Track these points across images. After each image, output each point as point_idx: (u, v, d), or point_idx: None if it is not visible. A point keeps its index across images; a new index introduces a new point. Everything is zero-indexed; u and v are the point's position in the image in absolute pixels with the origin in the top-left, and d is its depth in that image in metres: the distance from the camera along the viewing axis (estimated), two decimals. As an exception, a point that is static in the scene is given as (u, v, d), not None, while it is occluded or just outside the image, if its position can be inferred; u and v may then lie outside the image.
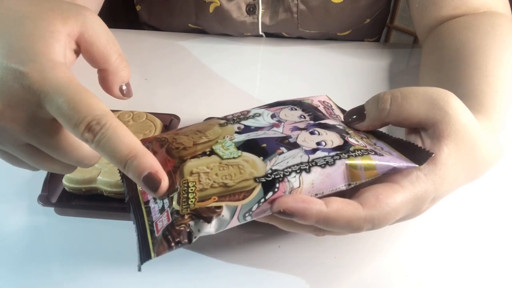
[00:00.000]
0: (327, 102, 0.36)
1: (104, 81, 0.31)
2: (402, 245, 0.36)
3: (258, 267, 0.34)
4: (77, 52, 0.30)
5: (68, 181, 0.36)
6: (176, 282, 0.32)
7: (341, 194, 0.28)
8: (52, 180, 0.37)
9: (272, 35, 0.66)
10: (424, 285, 0.33)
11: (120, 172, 0.31)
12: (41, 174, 0.37)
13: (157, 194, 0.26)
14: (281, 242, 0.35)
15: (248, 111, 0.34)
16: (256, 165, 0.28)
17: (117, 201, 0.37)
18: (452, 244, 0.36)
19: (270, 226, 0.36)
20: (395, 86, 0.56)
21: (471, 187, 0.32)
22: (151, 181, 0.26)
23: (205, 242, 0.35)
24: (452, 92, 0.31)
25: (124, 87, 0.31)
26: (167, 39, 0.65)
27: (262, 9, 0.61)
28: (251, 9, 0.61)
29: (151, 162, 0.26)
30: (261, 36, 0.65)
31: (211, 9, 0.61)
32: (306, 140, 0.30)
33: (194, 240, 0.26)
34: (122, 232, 0.35)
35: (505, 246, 0.36)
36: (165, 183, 0.26)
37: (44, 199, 0.36)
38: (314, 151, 0.29)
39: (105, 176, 0.36)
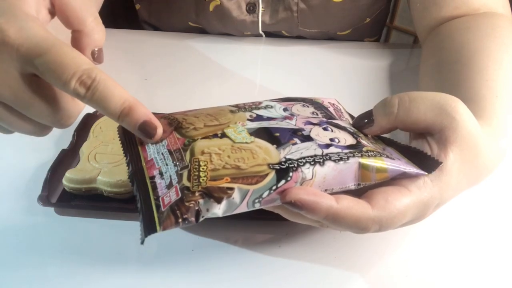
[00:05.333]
0: (337, 105, 0.36)
1: (77, 43, 0.30)
2: (402, 245, 0.36)
3: (258, 267, 0.34)
4: (52, 12, 0.30)
5: (68, 181, 0.36)
6: (175, 282, 0.32)
7: (346, 194, 0.28)
8: (52, 180, 0.37)
9: (272, 34, 0.66)
10: (423, 285, 0.33)
11: (122, 144, 0.31)
12: (41, 174, 0.37)
13: (153, 140, 0.27)
14: (281, 242, 0.35)
15: (260, 102, 0.34)
16: (269, 152, 0.28)
17: (117, 201, 0.37)
18: (451, 245, 0.36)
19: (270, 226, 0.36)
20: (395, 86, 0.56)
21: (469, 190, 0.32)
22: (147, 128, 0.27)
23: (205, 241, 0.35)
24: (453, 95, 0.31)
25: (96, 51, 0.31)
26: (167, 39, 0.65)
27: (262, 7, 0.61)
28: (251, 8, 0.61)
29: (145, 111, 0.27)
30: (261, 35, 0.65)
31: (211, 8, 0.61)
32: (320, 135, 0.30)
33: (201, 219, 0.25)
34: (122, 232, 0.35)
35: (502, 248, 0.36)
36: (160, 129, 0.27)
37: (44, 199, 0.35)
38: (327, 146, 0.29)
39: (105, 176, 0.36)
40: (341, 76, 0.58)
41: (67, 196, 0.37)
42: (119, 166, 0.37)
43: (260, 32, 0.64)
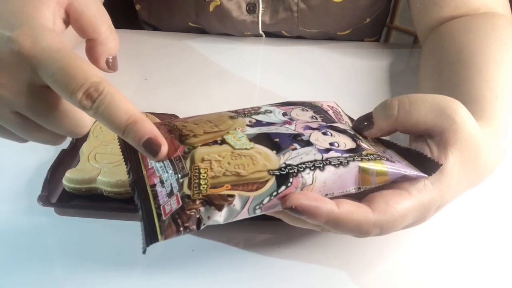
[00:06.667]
0: (336, 108, 0.36)
1: (92, 51, 0.30)
2: (402, 245, 0.36)
3: (258, 267, 0.34)
4: (66, 22, 0.30)
5: (68, 181, 0.36)
6: (175, 282, 0.32)
7: (347, 198, 0.28)
8: (52, 180, 0.37)
9: (272, 34, 0.66)
10: (423, 285, 0.33)
11: (123, 153, 0.31)
12: (41, 174, 0.37)
13: (157, 159, 0.27)
14: (282, 242, 0.35)
15: (259, 107, 0.34)
16: (269, 158, 0.28)
17: (117, 201, 0.37)
18: (451, 246, 0.36)
19: (270, 226, 0.36)
20: (395, 86, 0.56)
21: (470, 191, 0.32)
22: (151, 146, 0.26)
23: (205, 241, 0.35)
24: (453, 96, 0.31)
25: (110, 60, 0.31)
26: (167, 39, 0.65)
27: (262, 8, 0.61)
28: (251, 8, 0.61)
29: (150, 127, 0.26)
30: (261, 35, 0.65)
31: (211, 8, 0.61)
32: (319, 139, 0.30)
33: (202, 227, 0.25)
34: (122, 232, 0.35)
35: (502, 248, 0.36)
36: (164, 147, 0.26)
37: (44, 199, 0.35)
38: (327, 150, 0.29)
39: (105, 176, 0.36)
40: (341, 76, 0.58)
41: (67, 196, 0.37)
42: (119, 166, 0.37)
43: (260, 32, 0.64)
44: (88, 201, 0.37)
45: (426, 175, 0.29)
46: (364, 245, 0.35)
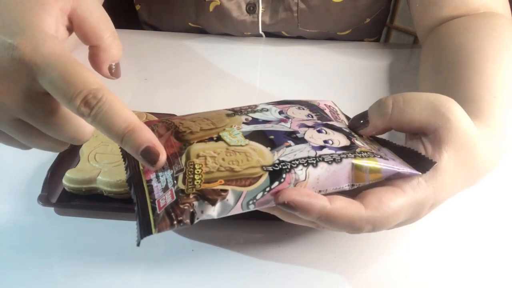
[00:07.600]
0: (333, 107, 0.36)
1: (94, 58, 0.30)
2: (401, 245, 0.36)
3: (258, 267, 0.34)
4: (70, 29, 0.30)
5: (68, 181, 0.36)
6: (175, 282, 0.32)
7: (341, 195, 0.28)
8: (52, 180, 0.37)
9: (272, 34, 0.66)
10: (423, 285, 0.33)
11: (121, 150, 0.31)
12: (41, 174, 0.37)
13: (155, 167, 0.26)
14: (281, 241, 0.35)
15: (256, 105, 0.34)
16: (263, 154, 0.28)
17: (117, 201, 0.37)
18: (451, 245, 0.36)
19: (270, 226, 0.37)
20: (395, 86, 0.56)
21: (469, 190, 0.32)
22: (149, 155, 0.26)
23: (205, 240, 0.35)
24: (451, 96, 0.31)
25: (113, 66, 0.31)
26: (167, 39, 0.65)
27: (262, 8, 0.61)
28: (251, 8, 0.61)
29: (149, 136, 0.26)
30: (261, 35, 0.65)
31: (211, 8, 0.61)
32: (314, 137, 0.30)
33: (195, 221, 0.26)
34: (122, 232, 0.35)
35: (501, 248, 0.36)
36: (163, 156, 0.26)
37: (44, 199, 0.36)
38: (321, 148, 0.29)
39: (105, 176, 0.36)
40: (341, 76, 0.59)
41: (67, 196, 0.37)
42: (119, 166, 0.37)
43: (260, 32, 0.64)
44: (88, 201, 0.37)
45: (420, 173, 0.29)
46: (364, 245, 0.35)
